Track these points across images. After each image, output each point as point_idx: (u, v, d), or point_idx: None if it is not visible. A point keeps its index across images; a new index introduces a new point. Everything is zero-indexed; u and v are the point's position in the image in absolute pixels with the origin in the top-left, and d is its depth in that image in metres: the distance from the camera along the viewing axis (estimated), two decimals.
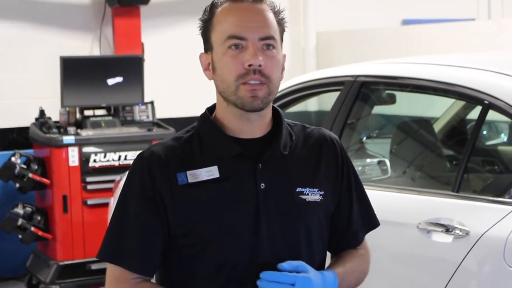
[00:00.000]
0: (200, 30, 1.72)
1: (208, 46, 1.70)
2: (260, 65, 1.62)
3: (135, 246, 1.66)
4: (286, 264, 1.63)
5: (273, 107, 1.75)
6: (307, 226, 1.70)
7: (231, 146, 1.67)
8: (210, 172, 1.66)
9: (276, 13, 1.70)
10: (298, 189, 1.69)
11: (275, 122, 1.74)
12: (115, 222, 1.70)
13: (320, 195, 1.71)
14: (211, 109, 1.75)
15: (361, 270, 1.81)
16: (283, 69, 1.72)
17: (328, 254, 1.82)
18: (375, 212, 1.90)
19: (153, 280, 1.73)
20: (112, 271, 1.68)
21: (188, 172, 1.65)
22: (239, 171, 1.66)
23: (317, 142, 1.76)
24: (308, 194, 1.70)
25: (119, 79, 5.19)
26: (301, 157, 1.73)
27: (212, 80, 1.71)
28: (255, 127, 1.70)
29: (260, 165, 1.67)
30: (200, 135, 1.70)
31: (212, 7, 1.70)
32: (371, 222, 1.86)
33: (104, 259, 1.69)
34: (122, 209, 1.69)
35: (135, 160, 1.71)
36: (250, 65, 1.62)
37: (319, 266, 1.74)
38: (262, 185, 1.66)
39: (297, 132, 1.76)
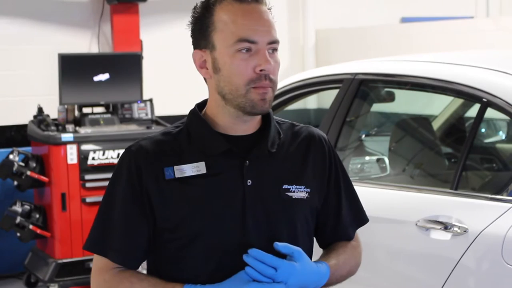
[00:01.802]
0: (193, 26, 1.70)
1: (206, 44, 1.67)
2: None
3: (119, 238, 1.67)
4: (281, 246, 1.63)
5: None
6: (293, 222, 1.71)
7: (219, 142, 1.68)
8: (197, 168, 1.66)
9: (270, 11, 1.70)
10: (285, 186, 1.70)
11: (264, 119, 1.75)
12: (101, 213, 1.71)
13: (307, 192, 1.72)
14: (201, 105, 1.75)
15: (354, 263, 1.81)
16: None
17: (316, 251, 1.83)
18: (375, 209, 1.90)
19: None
20: (98, 261, 1.70)
21: (175, 167, 1.66)
22: (227, 167, 1.67)
23: (305, 140, 1.77)
24: (294, 191, 1.71)
25: (105, 76, 5.16)
26: (288, 155, 1.73)
27: (207, 79, 1.71)
28: (247, 126, 1.71)
29: (247, 162, 1.67)
30: (189, 131, 1.71)
31: (210, 4, 1.67)
32: (361, 218, 1.86)
33: (90, 249, 1.71)
34: (108, 201, 1.71)
35: (123, 153, 1.72)
36: (261, 70, 1.62)
37: None
38: (249, 182, 1.67)
39: (286, 130, 1.77)
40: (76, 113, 5.16)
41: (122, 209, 1.67)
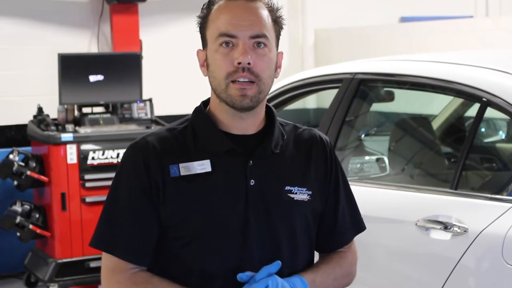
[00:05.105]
0: (198, 26, 1.73)
1: (204, 42, 1.72)
2: (249, 63, 1.63)
3: (128, 234, 1.66)
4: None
5: (267, 106, 1.76)
6: (293, 224, 1.71)
7: (223, 141, 1.68)
8: (202, 166, 1.67)
9: (272, 11, 1.71)
10: (287, 188, 1.71)
11: (268, 120, 1.75)
12: (107, 210, 1.70)
13: (308, 194, 1.73)
14: (206, 103, 1.76)
15: (340, 273, 1.79)
16: (279, 67, 1.73)
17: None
18: (375, 209, 1.91)
19: None
20: (107, 260, 1.69)
21: (181, 165, 1.67)
22: (230, 166, 1.68)
23: (308, 142, 1.78)
24: (296, 193, 1.72)
25: (100, 77, 5.16)
26: (291, 157, 1.74)
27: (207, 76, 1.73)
28: (247, 124, 1.71)
29: (251, 162, 1.68)
30: (194, 128, 1.71)
31: (209, 4, 1.71)
32: (359, 225, 1.86)
33: (97, 246, 1.70)
34: (114, 199, 1.69)
35: (127, 150, 1.71)
36: (239, 63, 1.63)
37: (305, 264, 1.75)
38: (252, 182, 1.68)
39: (289, 131, 1.78)
40: (76, 113, 5.16)
41: (130, 206, 1.67)
